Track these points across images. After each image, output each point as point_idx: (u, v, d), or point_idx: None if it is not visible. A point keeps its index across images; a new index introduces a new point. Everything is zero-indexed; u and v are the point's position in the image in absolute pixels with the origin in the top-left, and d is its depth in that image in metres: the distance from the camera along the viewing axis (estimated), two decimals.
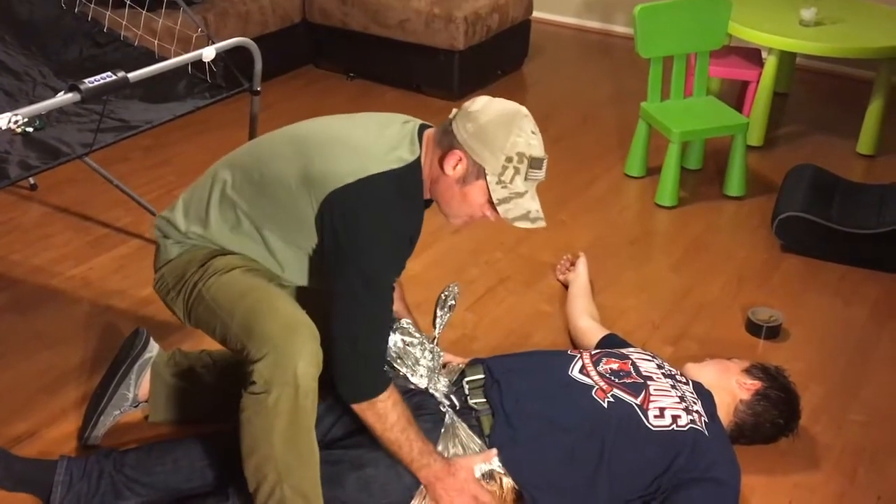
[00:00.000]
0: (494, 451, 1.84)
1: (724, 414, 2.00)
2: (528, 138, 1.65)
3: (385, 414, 1.71)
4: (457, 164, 1.66)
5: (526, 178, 1.66)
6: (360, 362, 1.69)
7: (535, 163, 1.65)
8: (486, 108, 1.66)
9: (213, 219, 1.77)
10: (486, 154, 1.64)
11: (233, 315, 1.69)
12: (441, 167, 1.68)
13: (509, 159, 1.63)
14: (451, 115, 1.70)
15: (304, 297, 1.85)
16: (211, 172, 1.83)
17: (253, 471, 1.68)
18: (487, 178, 1.65)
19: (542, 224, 1.70)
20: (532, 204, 1.69)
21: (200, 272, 1.76)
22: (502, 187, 1.65)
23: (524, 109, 1.68)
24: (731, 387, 2.03)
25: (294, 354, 1.61)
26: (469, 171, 1.66)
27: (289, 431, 1.64)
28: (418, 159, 1.70)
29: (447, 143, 1.67)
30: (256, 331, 1.64)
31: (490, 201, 1.68)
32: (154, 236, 1.87)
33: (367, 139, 1.71)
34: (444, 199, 1.73)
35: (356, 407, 1.72)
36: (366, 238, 1.63)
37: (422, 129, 1.74)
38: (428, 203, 1.80)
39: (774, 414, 2.01)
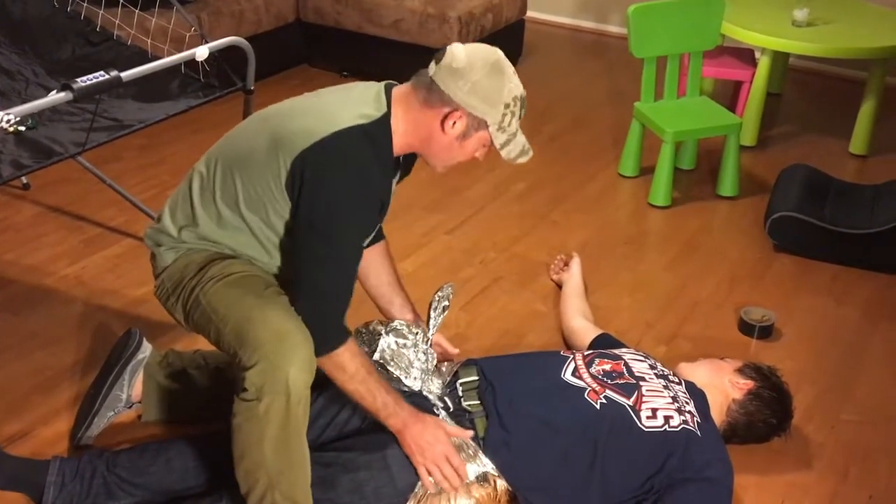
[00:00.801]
0: (470, 432, 1.85)
1: (717, 413, 2.01)
2: (514, 80, 1.70)
3: (343, 365, 1.71)
4: (456, 122, 1.68)
5: (518, 119, 1.72)
6: (322, 316, 1.69)
7: (523, 102, 1.72)
8: (470, 61, 1.66)
9: (200, 216, 1.77)
10: (486, 108, 1.67)
11: (226, 321, 1.70)
12: (441, 127, 1.69)
13: (507, 106, 1.68)
14: (429, 73, 1.69)
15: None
16: (189, 173, 1.83)
17: (243, 475, 1.69)
18: (490, 128, 1.69)
19: (531, 153, 1.78)
20: (522, 138, 1.75)
21: (198, 277, 1.76)
22: (502, 133, 1.71)
23: (499, 51, 1.71)
24: (724, 386, 2.03)
25: (285, 362, 1.61)
26: (469, 126, 1.69)
27: (279, 438, 1.64)
28: (386, 115, 1.70)
29: (438, 101, 1.68)
30: (248, 338, 1.65)
31: (485, 146, 1.74)
32: (147, 246, 1.86)
33: (332, 103, 1.73)
34: (441, 155, 1.75)
35: (322, 363, 1.70)
36: (336, 192, 1.63)
37: (388, 87, 1.76)
38: (404, 166, 1.81)
39: (767, 413, 2.02)
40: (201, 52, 2.26)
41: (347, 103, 1.71)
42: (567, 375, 1.95)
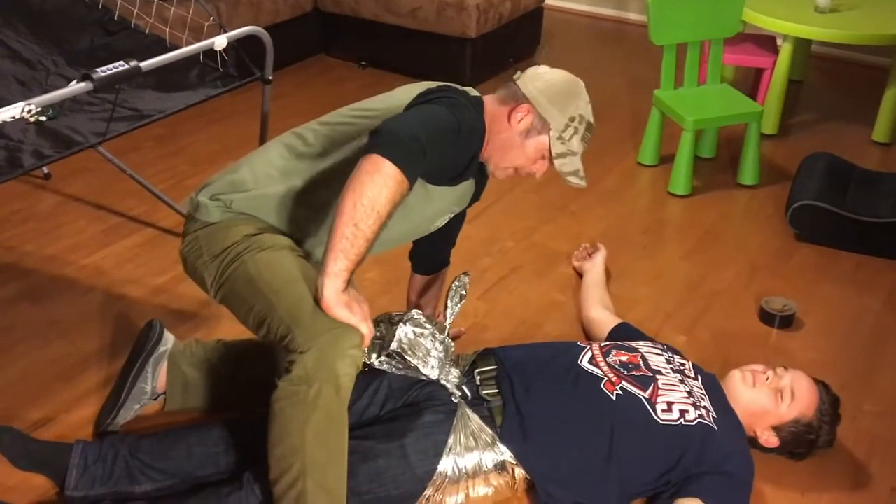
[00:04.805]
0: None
1: None
2: (587, 106, 1.82)
3: (386, 182, 1.50)
4: (523, 118, 1.77)
5: (581, 140, 1.80)
6: (409, 138, 1.55)
7: (590, 128, 1.82)
8: (552, 72, 1.82)
9: (293, 168, 1.78)
10: (553, 111, 1.76)
11: (281, 296, 1.63)
12: (508, 119, 1.77)
13: (572, 119, 1.77)
14: (514, 77, 1.82)
15: None
16: (285, 138, 1.85)
17: (277, 459, 1.65)
18: (551, 133, 1.77)
19: (585, 184, 1.84)
20: (580, 164, 1.82)
21: (246, 243, 1.72)
22: (561, 143, 1.78)
23: (581, 81, 1.83)
24: (753, 430, 1.99)
25: (342, 354, 1.57)
26: (533, 125, 1.77)
27: (323, 426, 1.61)
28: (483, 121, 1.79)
29: (511, 98, 1.79)
30: (308, 322, 1.59)
31: (543, 157, 1.80)
32: (193, 200, 1.81)
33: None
34: (502, 150, 1.80)
35: (369, 157, 1.52)
36: (444, 108, 1.67)
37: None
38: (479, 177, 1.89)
39: (779, 453, 2.02)
40: (220, 42, 2.27)
41: None
42: (584, 363, 1.95)
